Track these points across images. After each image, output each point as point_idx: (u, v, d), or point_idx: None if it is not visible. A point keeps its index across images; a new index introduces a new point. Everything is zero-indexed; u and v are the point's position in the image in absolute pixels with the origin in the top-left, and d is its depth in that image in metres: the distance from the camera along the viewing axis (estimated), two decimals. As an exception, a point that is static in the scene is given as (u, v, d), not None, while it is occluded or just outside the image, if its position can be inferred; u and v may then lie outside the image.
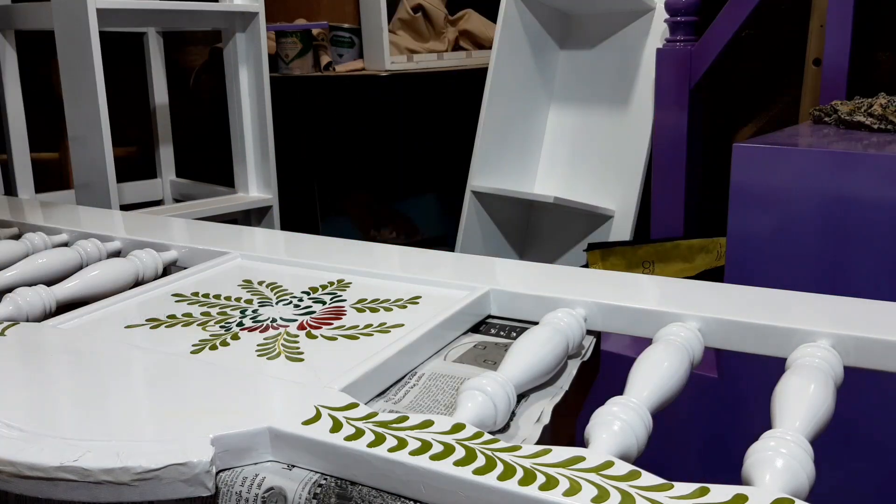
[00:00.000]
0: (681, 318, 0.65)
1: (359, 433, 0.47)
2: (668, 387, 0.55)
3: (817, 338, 0.60)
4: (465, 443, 0.46)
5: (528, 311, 0.72)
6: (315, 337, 0.66)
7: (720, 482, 0.42)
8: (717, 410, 1.23)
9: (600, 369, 0.69)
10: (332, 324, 0.69)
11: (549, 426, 0.55)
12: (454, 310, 0.68)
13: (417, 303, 0.73)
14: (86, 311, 0.71)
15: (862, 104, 1.25)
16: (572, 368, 0.64)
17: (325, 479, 0.47)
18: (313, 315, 0.71)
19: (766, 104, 1.86)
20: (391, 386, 0.60)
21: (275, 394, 0.54)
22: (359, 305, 0.73)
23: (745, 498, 0.40)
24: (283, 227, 1.83)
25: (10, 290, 0.75)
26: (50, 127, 2.01)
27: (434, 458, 0.44)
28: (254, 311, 0.72)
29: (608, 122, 1.81)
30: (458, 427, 0.48)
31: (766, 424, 0.49)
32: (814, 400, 0.51)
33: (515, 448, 0.45)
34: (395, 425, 0.48)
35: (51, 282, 0.79)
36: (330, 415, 0.50)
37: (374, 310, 0.72)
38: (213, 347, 0.64)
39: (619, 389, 0.53)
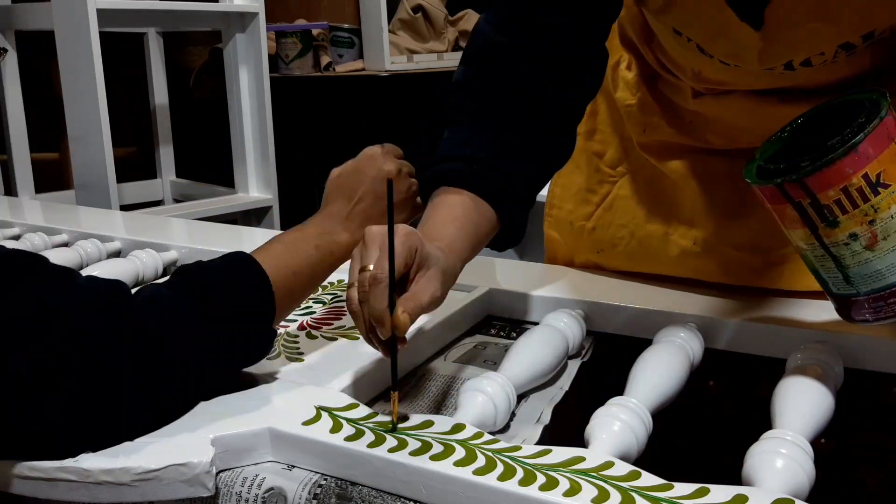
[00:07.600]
0: (681, 318, 0.65)
1: (359, 433, 0.47)
2: (668, 387, 0.55)
3: (819, 339, 0.60)
4: (466, 443, 0.46)
5: (528, 311, 0.72)
6: (315, 337, 0.66)
7: (720, 482, 0.42)
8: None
9: (600, 369, 0.69)
10: (332, 324, 0.69)
11: (549, 426, 0.55)
12: (454, 310, 0.68)
13: (417, 303, 0.73)
14: (86, 311, 0.71)
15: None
16: (572, 368, 0.64)
17: (325, 479, 0.47)
18: (313, 315, 0.71)
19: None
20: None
21: (275, 394, 0.54)
22: (359, 305, 0.73)
23: (745, 498, 0.40)
24: (283, 227, 1.83)
25: (10, 290, 0.75)
26: (50, 127, 2.01)
27: (434, 458, 0.44)
28: (254, 312, 0.72)
29: (608, 122, 1.81)
30: (458, 427, 0.48)
31: (766, 425, 0.49)
32: (814, 400, 0.51)
33: (515, 448, 0.45)
34: (395, 425, 0.48)
35: (51, 282, 0.79)
36: (330, 415, 0.50)
37: (374, 310, 0.71)
38: (213, 347, 0.64)
39: (619, 390, 0.53)
